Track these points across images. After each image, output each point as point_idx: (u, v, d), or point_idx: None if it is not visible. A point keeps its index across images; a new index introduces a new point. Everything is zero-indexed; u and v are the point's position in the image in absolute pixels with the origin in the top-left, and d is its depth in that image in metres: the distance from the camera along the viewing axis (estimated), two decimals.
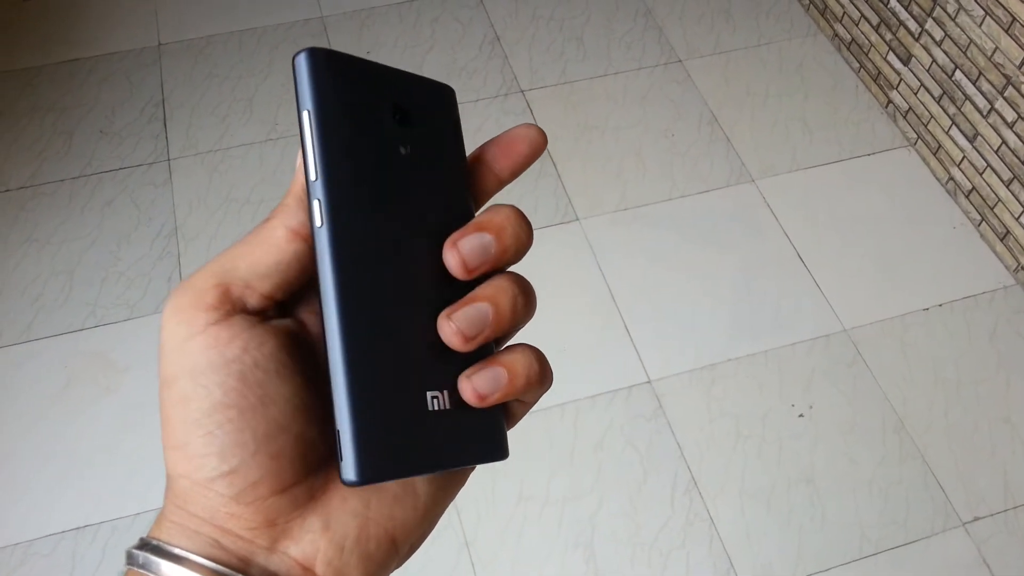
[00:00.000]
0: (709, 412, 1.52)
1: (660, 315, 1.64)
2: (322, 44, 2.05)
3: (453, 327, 0.29)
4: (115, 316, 1.62)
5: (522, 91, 1.97)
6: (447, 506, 0.31)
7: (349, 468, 0.26)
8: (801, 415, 1.53)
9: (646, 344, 1.60)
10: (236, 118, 1.91)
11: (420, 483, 0.30)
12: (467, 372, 0.30)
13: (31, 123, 1.89)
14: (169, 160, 1.84)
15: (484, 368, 0.30)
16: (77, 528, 1.38)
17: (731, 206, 1.79)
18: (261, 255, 0.28)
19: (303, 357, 0.29)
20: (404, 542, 0.29)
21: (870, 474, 1.47)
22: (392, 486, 0.29)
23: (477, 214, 0.32)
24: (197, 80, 1.98)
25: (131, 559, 0.27)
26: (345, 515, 0.28)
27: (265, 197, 1.78)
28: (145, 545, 0.27)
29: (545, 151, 1.83)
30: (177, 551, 0.27)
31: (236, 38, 2.07)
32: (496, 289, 0.30)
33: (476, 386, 0.29)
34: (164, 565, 0.27)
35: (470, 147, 0.33)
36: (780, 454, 1.48)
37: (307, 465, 0.28)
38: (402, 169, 0.30)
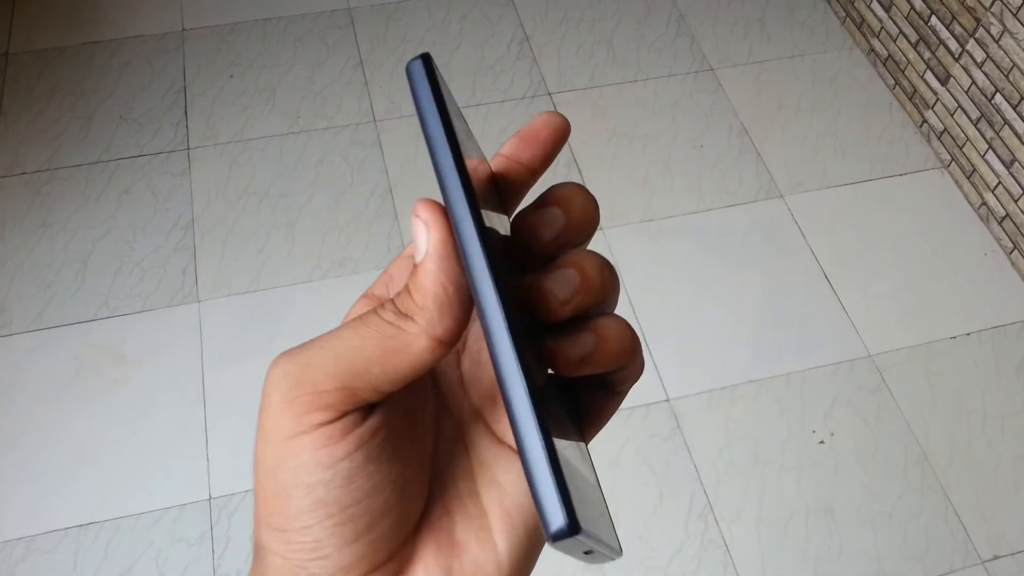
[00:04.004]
0: (728, 435, 1.49)
1: (681, 331, 1.61)
2: (347, 37, 2.02)
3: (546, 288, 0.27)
4: (128, 307, 1.59)
5: (549, 93, 1.94)
6: (533, 563, 0.29)
7: (561, 518, 0.23)
8: (822, 442, 1.49)
9: (666, 361, 1.57)
10: (258, 109, 1.88)
11: (499, 537, 0.28)
12: (556, 343, 0.27)
13: (50, 105, 1.87)
14: (189, 149, 1.81)
15: (572, 337, 0.27)
16: (80, 525, 1.36)
17: (758, 222, 1.75)
18: (398, 366, 0.25)
19: (409, 430, 0.28)
20: None
21: (890, 506, 1.43)
22: (471, 545, 0.27)
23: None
24: (220, 68, 1.95)
25: None
26: None
27: (284, 191, 1.75)
28: None
29: (569, 145, 1.80)
30: None
31: (260, 27, 2.04)
32: (579, 256, 0.28)
33: (568, 354, 0.27)
34: None
35: (492, 148, 0.31)
36: (799, 481, 1.45)
37: (399, 540, 0.27)
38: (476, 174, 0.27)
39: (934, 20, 1.79)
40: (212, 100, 1.89)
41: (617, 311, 0.30)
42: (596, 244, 1.67)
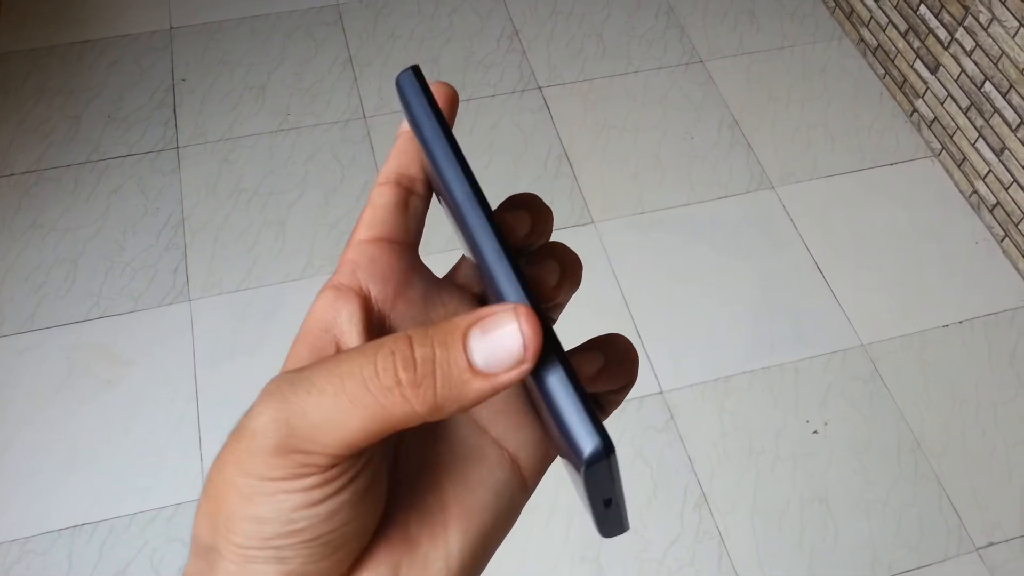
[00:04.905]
0: (722, 426, 1.49)
1: (674, 323, 1.61)
2: (336, 33, 2.02)
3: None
4: (119, 308, 1.59)
5: (540, 87, 1.93)
6: (484, 565, 0.28)
7: (595, 438, 0.23)
8: (815, 432, 1.49)
9: (659, 353, 1.57)
10: (247, 107, 1.87)
11: (454, 534, 0.27)
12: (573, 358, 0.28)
13: (38, 105, 1.86)
14: (178, 148, 1.80)
15: (583, 352, 0.30)
16: (75, 526, 1.36)
17: (750, 213, 1.75)
18: (383, 432, 0.23)
19: (386, 459, 0.27)
20: None
21: (884, 495, 1.44)
22: (423, 541, 0.27)
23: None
24: (208, 66, 1.94)
25: None
26: None
27: (274, 189, 1.74)
28: None
29: (559, 138, 1.80)
30: None
31: (248, 24, 2.03)
32: (552, 247, 0.30)
33: (586, 372, 0.29)
34: None
35: (489, 147, 0.33)
36: (793, 471, 1.45)
37: (361, 549, 0.26)
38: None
39: (923, 9, 1.79)
40: (201, 98, 1.89)
41: (610, 304, 0.31)
42: (588, 237, 1.67)
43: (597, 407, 0.30)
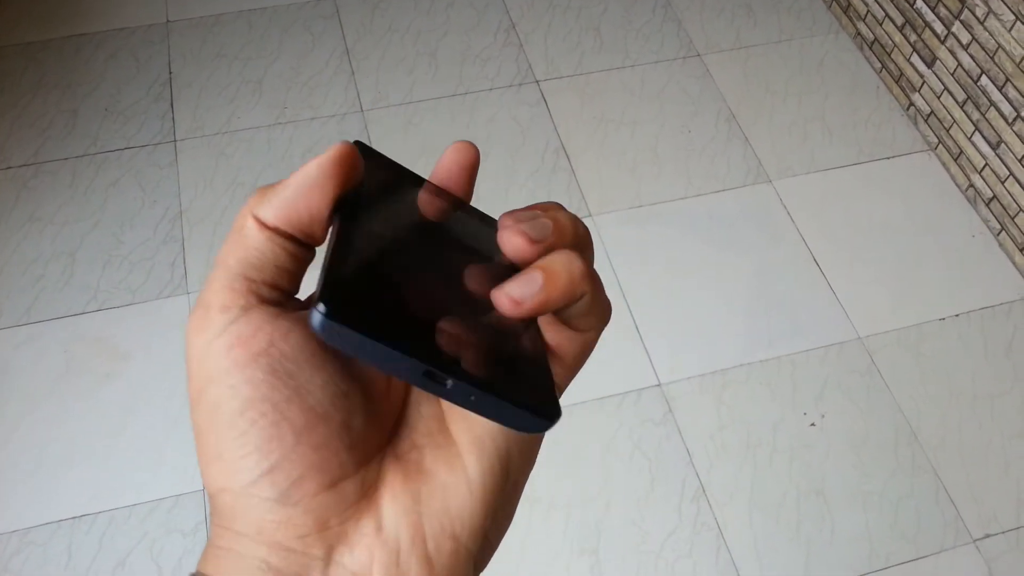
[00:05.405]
0: (720, 418, 1.50)
1: (672, 317, 1.61)
2: (333, 27, 2.01)
3: (506, 290, 0.27)
4: (117, 300, 1.59)
5: (537, 81, 1.93)
6: (507, 489, 0.29)
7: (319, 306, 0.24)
8: (813, 424, 1.50)
9: (657, 346, 1.57)
10: (244, 100, 1.87)
11: (469, 461, 0.27)
12: (500, 285, 0.27)
13: (35, 99, 1.86)
14: (175, 141, 1.80)
15: (518, 275, 0.27)
16: (74, 518, 1.36)
17: (747, 207, 1.76)
18: (242, 251, 0.27)
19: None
20: (468, 537, 0.27)
21: (881, 487, 1.44)
22: (440, 471, 0.27)
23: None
24: (205, 60, 1.94)
25: None
26: (396, 513, 0.26)
27: (272, 182, 1.74)
28: None
29: (557, 133, 1.80)
30: None
31: (246, 17, 2.03)
32: (553, 209, 0.29)
33: (509, 291, 0.26)
34: None
35: (486, 140, 0.32)
36: (791, 464, 1.46)
37: (355, 457, 0.26)
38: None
39: (920, 2, 1.80)
40: (198, 92, 1.88)
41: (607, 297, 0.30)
42: None
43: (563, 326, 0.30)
